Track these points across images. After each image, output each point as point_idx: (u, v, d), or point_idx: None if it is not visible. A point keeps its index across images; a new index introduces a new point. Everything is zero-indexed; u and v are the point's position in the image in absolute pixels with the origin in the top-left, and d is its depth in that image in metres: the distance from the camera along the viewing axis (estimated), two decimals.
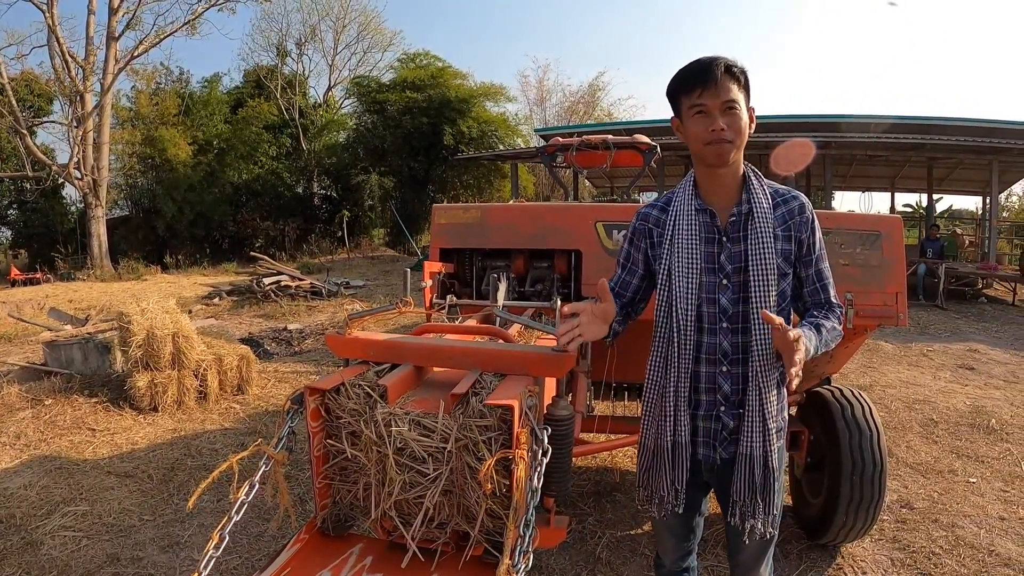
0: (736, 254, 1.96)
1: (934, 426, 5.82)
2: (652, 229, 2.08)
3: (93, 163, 23.70)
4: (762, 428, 1.94)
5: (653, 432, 2.06)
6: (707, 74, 1.86)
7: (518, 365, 1.87)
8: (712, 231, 1.99)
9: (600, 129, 19.82)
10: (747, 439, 1.95)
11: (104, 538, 3.86)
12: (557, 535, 1.89)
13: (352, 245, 27.65)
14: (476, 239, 3.59)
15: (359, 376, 1.89)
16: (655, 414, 2.05)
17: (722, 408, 1.99)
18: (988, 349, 9.26)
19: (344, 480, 1.92)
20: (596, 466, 4.91)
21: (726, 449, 2.01)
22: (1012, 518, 4.12)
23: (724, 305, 1.95)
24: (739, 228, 1.97)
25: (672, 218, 2.03)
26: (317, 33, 36.46)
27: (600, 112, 35.31)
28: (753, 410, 1.93)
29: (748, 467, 1.96)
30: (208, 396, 6.45)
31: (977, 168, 18.43)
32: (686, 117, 1.94)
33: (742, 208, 1.97)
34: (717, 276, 1.97)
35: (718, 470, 2.06)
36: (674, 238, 2.00)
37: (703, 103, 1.87)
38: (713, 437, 2.02)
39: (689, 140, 1.95)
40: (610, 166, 5.23)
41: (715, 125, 1.86)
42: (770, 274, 1.92)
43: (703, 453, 2.04)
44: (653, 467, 2.07)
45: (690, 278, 1.95)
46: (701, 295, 1.96)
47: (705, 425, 2.02)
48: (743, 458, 1.96)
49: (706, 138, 1.88)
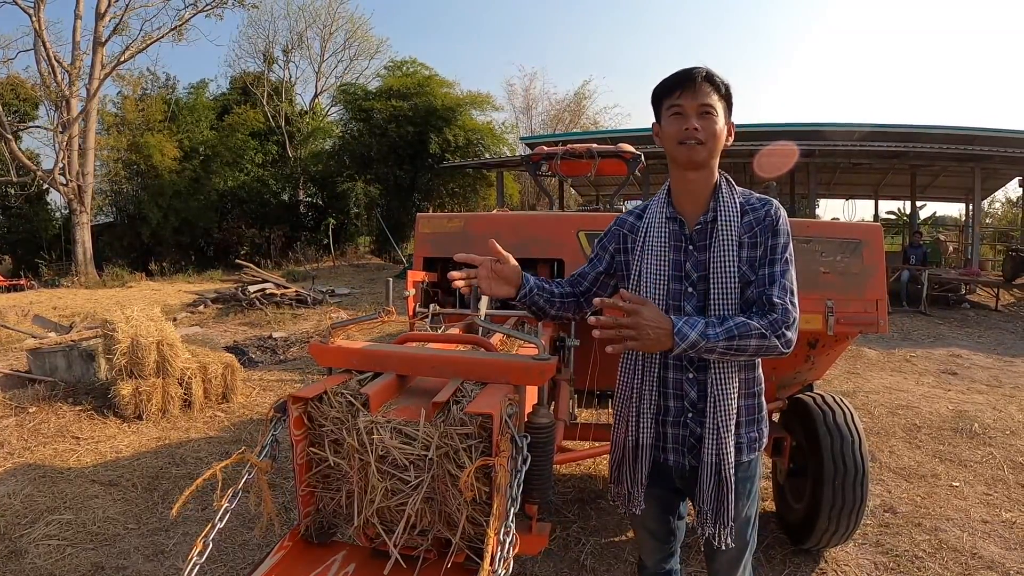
0: (700, 262, 1.97)
1: (917, 431, 5.87)
2: (626, 235, 2.13)
3: (78, 169, 23.62)
4: (716, 438, 1.94)
5: (622, 431, 2.10)
6: (687, 77, 1.91)
7: (499, 373, 1.88)
8: (680, 239, 2.01)
9: (585, 137, 19.87)
10: (707, 448, 1.96)
11: (88, 547, 3.85)
12: (539, 542, 1.89)
13: (338, 253, 27.59)
14: (459, 248, 3.60)
15: (341, 385, 1.90)
16: (624, 414, 2.09)
17: (689, 415, 2.01)
18: (971, 354, 9.35)
19: (327, 488, 1.92)
20: (580, 473, 4.92)
21: (694, 457, 2.02)
22: (995, 521, 4.16)
23: (689, 312, 1.96)
24: (704, 236, 1.98)
25: (645, 226, 2.07)
26: (304, 40, 36.52)
27: (586, 121, 35.46)
28: (712, 418, 1.94)
29: (713, 475, 1.97)
30: (193, 404, 6.43)
31: (960, 175, 18.56)
32: (664, 119, 1.97)
33: (707, 216, 1.99)
34: (683, 284, 1.99)
35: (687, 477, 2.07)
36: (645, 245, 2.03)
37: (680, 103, 1.90)
38: (682, 443, 2.04)
39: (664, 141, 1.98)
40: (594, 175, 5.25)
41: (688, 124, 1.89)
42: (730, 282, 1.92)
43: (673, 459, 2.06)
44: (621, 465, 2.12)
45: (658, 285, 1.98)
46: (669, 302, 1.98)
47: (674, 432, 2.04)
48: (706, 466, 1.97)
49: (679, 137, 1.91)
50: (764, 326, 1.83)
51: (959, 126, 17.32)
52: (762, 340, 1.83)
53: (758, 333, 1.83)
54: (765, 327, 1.83)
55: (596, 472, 4.94)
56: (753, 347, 1.84)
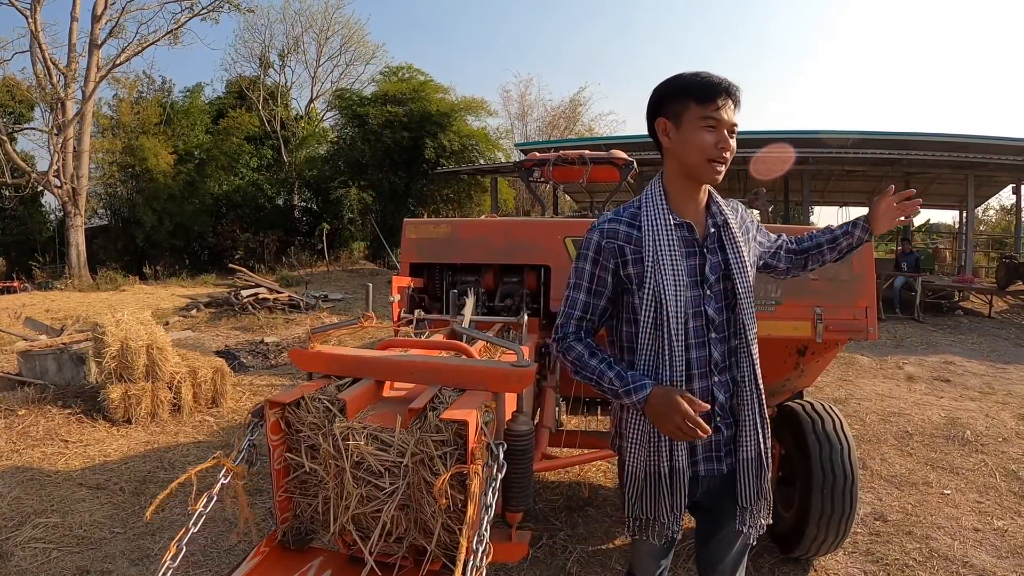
0: (717, 264, 1.97)
1: (909, 438, 5.86)
2: (623, 246, 1.97)
3: (73, 171, 23.52)
4: (760, 427, 1.99)
5: (644, 458, 1.97)
6: (729, 92, 1.87)
7: (477, 380, 1.86)
8: (692, 244, 1.97)
9: (579, 144, 19.89)
10: (747, 443, 1.97)
11: (74, 550, 3.83)
12: (519, 550, 1.88)
13: (332, 258, 27.52)
14: (446, 254, 3.60)
15: (320, 390, 1.89)
16: (643, 439, 1.96)
17: (719, 419, 1.99)
18: (964, 361, 9.34)
19: (305, 494, 1.91)
20: (569, 480, 4.90)
21: (726, 461, 2.01)
22: (986, 529, 4.15)
23: (711, 315, 1.95)
24: (716, 239, 1.99)
25: (648, 234, 1.94)
26: (300, 44, 36.40)
27: (581, 127, 35.37)
28: (752, 411, 1.97)
29: (753, 470, 1.99)
30: (182, 409, 6.40)
31: (953, 182, 18.64)
32: (690, 125, 1.89)
33: (717, 220, 2.00)
34: (701, 288, 1.95)
35: (717, 484, 2.04)
36: (657, 255, 1.92)
37: (718, 116, 1.86)
38: (715, 450, 2.01)
39: (688, 150, 1.90)
40: (586, 181, 5.25)
41: (726, 144, 1.87)
42: (749, 276, 1.99)
43: (705, 468, 2.01)
44: (648, 495, 1.98)
45: (679, 295, 1.90)
46: (688, 310, 1.92)
47: (704, 441, 1.99)
48: (746, 462, 1.98)
49: (712, 154, 1.87)
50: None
51: (953, 133, 17.39)
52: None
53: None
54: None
55: (585, 479, 4.92)
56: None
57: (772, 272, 2.35)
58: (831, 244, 2.29)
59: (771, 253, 2.28)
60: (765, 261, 2.26)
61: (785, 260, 2.31)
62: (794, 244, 2.32)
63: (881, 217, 2.28)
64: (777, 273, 2.37)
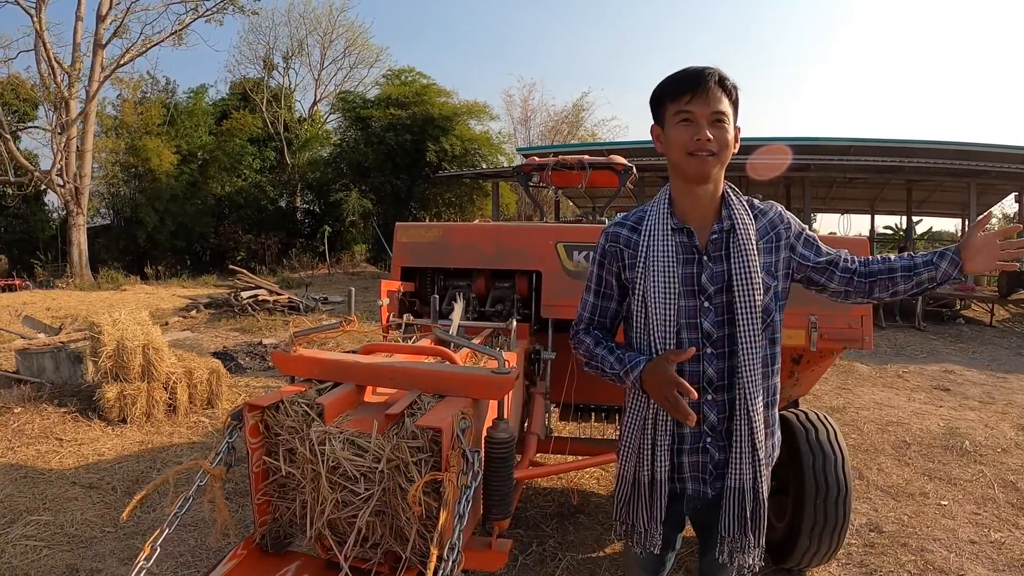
0: (718, 274, 1.85)
1: (907, 448, 5.82)
2: (623, 250, 1.94)
3: (76, 170, 23.63)
4: (752, 458, 1.84)
5: (632, 464, 1.94)
6: (699, 81, 1.78)
7: (457, 386, 1.85)
8: (690, 251, 1.87)
9: (580, 149, 19.90)
10: (736, 471, 1.85)
11: (65, 548, 3.83)
12: (498, 558, 1.86)
13: (333, 260, 27.60)
14: (437, 258, 3.58)
15: (299, 394, 1.87)
16: (635, 446, 1.93)
17: (708, 440, 1.89)
18: (964, 370, 9.31)
19: (283, 497, 1.89)
20: (560, 487, 4.87)
21: (713, 485, 1.92)
22: (983, 541, 4.10)
23: (707, 329, 1.85)
24: (721, 246, 1.86)
25: (645, 239, 1.90)
26: (304, 47, 36.57)
27: (584, 132, 35.41)
28: (743, 438, 1.84)
29: (738, 501, 1.87)
30: (177, 409, 6.38)
31: (956, 190, 18.62)
32: (669, 124, 1.84)
33: (723, 225, 1.87)
34: (698, 299, 1.85)
35: (704, 506, 1.98)
36: (648, 260, 1.87)
37: (691, 110, 1.78)
38: (701, 471, 1.92)
39: (669, 149, 1.85)
40: (585, 186, 5.24)
41: (701, 134, 1.77)
42: (755, 291, 1.82)
43: (692, 488, 1.95)
44: (631, 501, 1.97)
45: (668, 303, 1.83)
46: (681, 320, 1.85)
47: (691, 460, 1.91)
48: (732, 492, 1.87)
49: (689, 147, 1.78)
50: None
51: (955, 141, 17.33)
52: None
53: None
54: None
55: (576, 486, 4.89)
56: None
57: (820, 290, 2.04)
58: (907, 273, 1.93)
59: (819, 268, 1.97)
60: (810, 276, 1.99)
61: (841, 280, 1.97)
62: (858, 264, 1.97)
63: (977, 255, 1.89)
64: (828, 293, 2.03)
